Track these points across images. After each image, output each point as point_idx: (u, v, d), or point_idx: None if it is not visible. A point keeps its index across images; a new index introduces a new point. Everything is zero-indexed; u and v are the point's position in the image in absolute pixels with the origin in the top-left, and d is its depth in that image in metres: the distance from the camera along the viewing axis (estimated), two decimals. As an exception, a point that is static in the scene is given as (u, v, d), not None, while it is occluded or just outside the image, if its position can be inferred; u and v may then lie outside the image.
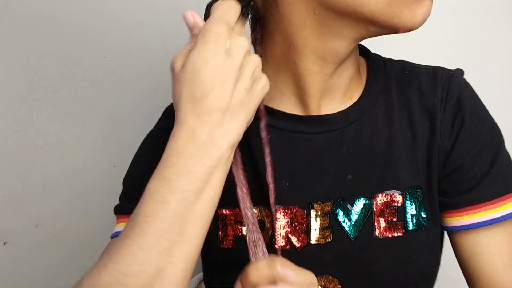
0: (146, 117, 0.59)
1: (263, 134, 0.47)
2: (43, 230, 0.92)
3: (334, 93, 0.50)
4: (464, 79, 0.52)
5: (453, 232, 0.51)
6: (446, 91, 0.50)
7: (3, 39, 0.86)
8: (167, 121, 0.56)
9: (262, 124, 0.47)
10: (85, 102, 0.90)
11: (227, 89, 0.39)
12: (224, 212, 0.52)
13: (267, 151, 0.47)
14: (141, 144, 0.57)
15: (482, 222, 0.48)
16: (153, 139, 0.57)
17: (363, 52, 0.55)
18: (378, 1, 0.42)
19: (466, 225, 0.48)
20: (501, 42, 0.85)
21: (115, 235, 0.53)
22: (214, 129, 0.39)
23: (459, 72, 0.52)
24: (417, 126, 0.50)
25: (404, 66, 0.54)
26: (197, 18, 0.44)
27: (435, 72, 0.52)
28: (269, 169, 0.46)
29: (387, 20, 0.44)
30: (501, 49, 0.85)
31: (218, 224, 0.52)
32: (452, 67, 0.54)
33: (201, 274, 0.64)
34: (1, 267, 0.97)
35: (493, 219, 0.48)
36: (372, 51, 0.56)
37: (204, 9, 0.51)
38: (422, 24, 0.44)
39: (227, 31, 0.40)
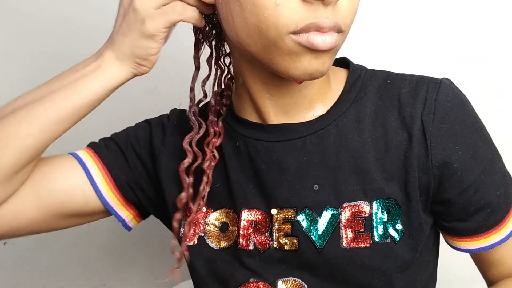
0: (146, 117, 0.59)
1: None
2: (43, 230, 0.92)
3: (292, 111, 0.50)
4: (456, 88, 0.49)
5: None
6: (434, 101, 0.47)
7: (3, 39, 0.86)
8: (168, 119, 0.58)
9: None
10: (85, 102, 0.90)
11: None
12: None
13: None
14: (142, 123, 0.59)
15: (497, 242, 0.49)
16: (148, 125, 0.59)
17: (346, 63, 0.54)
18: (254, 45, 0.42)
19: (480, 248, 0.50)
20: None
21: (74, 154, 0.56)
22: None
23: (447, 81, 0.49)
24: (393, 137, 0.48)
25: (388, 75, 0.52)
26: None
27: (418, 82, 0.49)
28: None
29: (268, 65, 0.43)
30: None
31: (183, 221, 0.53)
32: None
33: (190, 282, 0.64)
34: (1, 267, 0.97)
35: (505, 237, 0.49)
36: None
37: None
38: (305, 77, 0.42)
39: None
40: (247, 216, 0.51)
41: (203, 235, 0.53)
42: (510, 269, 0.51)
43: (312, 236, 0.48)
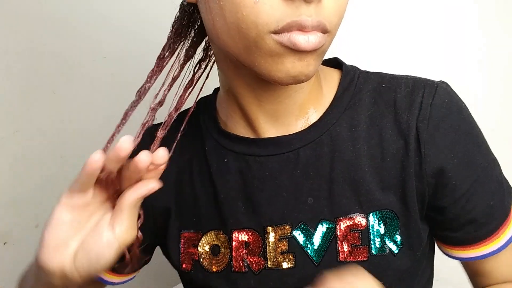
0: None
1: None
2: (43, 230, 0.92)
3: (282, 118, 0.48)
4: (453, 93, 0.47)
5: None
6: (429, 106, 0.45)
7: (3, 39, 0.85)
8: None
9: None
10: (85, 102, 0.90)
11: None
12: (186, 235, 0.52)
13: None
14: None
15: (489, 253, 0.48)
16: None
17: (338, 64, 0.52)
18: (236, 46, 0.40)
19: (471, 257, 0.49)
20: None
21: None
22: None
23: (444, 85, 0.47)
24: (389, 145, 0.46)
25: (382, 77, 0.49)
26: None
27: (415, 85, 0.47)
28: None
29: (251, 68, 0.41)
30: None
31: (180, 246, 0.52)
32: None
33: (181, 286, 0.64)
34: (1, 267, 0.97)
35: (498, 248, 0.48)
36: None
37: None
38: (289, 80, 0.40)
39: None
40: (238, 237, 0.49)
41: (197, 259, 0.51)
42: (498, 280, 0.50)
43: (308, 251, 0.47)
